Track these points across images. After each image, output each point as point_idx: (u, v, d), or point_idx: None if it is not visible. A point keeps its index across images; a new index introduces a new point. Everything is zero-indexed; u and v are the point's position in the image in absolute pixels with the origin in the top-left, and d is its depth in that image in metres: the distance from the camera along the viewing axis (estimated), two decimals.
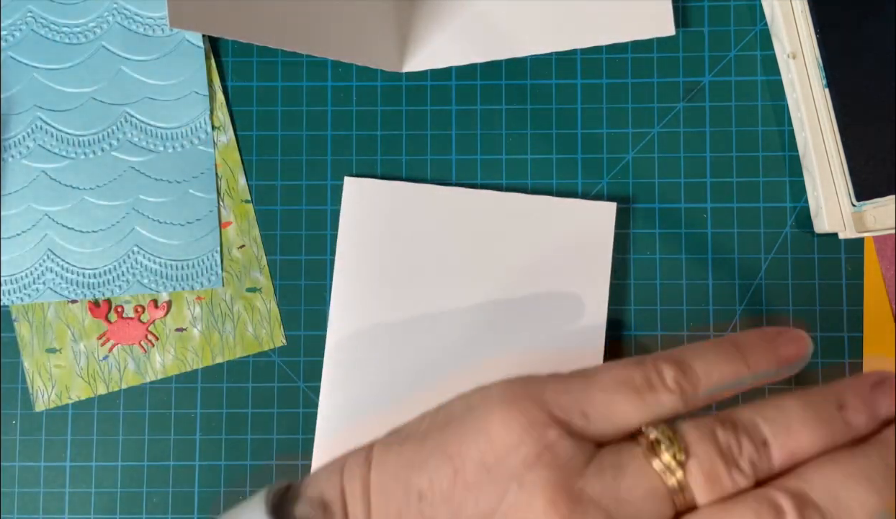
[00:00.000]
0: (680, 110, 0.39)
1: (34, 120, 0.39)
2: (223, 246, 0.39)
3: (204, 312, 0.39)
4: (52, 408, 0.39)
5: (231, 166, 0.39)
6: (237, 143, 0.40)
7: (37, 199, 0.39)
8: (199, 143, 0.39)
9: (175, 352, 0.39)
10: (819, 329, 0.38)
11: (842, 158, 0.37)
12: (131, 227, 0.39)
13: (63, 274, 0.39)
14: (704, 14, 0.39)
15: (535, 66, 0.39)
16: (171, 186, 0.39)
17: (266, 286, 0.39)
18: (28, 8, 0.40)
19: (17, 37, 0.40)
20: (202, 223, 0.39)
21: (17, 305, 0.39)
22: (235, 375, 0.39)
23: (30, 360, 0.39)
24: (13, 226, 0.39)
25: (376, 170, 0.39)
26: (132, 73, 0.40)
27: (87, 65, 0.40)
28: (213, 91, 0.40)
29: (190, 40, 0.39)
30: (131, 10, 0.40)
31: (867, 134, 0.36)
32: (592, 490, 0.23)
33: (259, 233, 0.39)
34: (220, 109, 0.40)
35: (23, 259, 0.39)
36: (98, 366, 0.39)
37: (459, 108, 0.39)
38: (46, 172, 0.39)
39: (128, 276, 0.39)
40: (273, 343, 0.39)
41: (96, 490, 0.39)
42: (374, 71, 0.39)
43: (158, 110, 0.39)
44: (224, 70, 0.40)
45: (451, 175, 0.39)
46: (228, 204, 0.39)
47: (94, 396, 0.39)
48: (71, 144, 0.39)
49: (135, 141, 0.39)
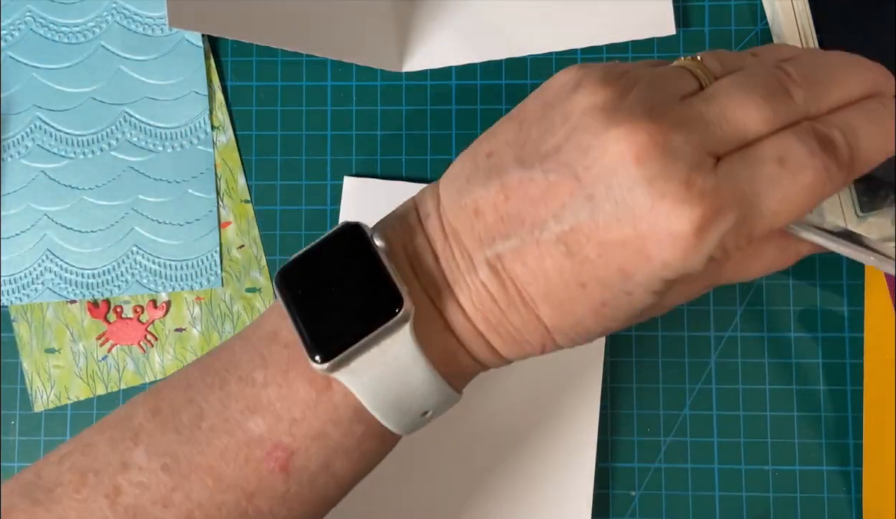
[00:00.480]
0: None
1: (33, 119, 0.39)
2: (223, 246, 0.39)
3: (203, 313, 0.39)
4: (52, 408, 0.39)
5: (230, 166, 0.39)
6: (237, 143, 0.40)
7: (36, 199, 0.39)
8: (198, 142, 0.39)
9: (174, 352, 0.39)
10: (819, 329, 0.38)
11: None
12: (130, 227, 0.39)
13: (62, 274, 0.39)
14: (705, 14, 0.39)
15: (535, 66, 0.39)
16: (170, 186, 0.39)
17: (265, 286, 0.39)
18: (27, 7, 0.40)
19: (16, 36, 0.40)
20: (201, 223, 0.39)
21: (16, 305, 0.39)
22: None
23: (29, 360, 0.39)
24: (12, 226, 0.39)
25: (376, 170, 0.39)
26: (131, 72, 0.39)
27: (86, 64, 0.40)
28: (213, 91, 0.40)
29: (189, 40, 0.39)
30: (131, 10, 0.40)
31: None
32: (633, 77, 0.26)
33: (259, 233, 0.39)
34: (219, 109, 0.40)
35: (22, 259, 0.39)
36: (97, 366, 0.39)
37: (459, 108, 0.39)
38: (45, 172, 0.39)
39: (127, 276, 0.39)
40: None
41: None
42: (374, 71, 0.39)
43: (158, 110, 0.39)
44: (223, 70, 0.40)
45: None
46: (228, 204, 0.39)
47: (94, 396, 0.39)
48: (70, 144, 0.39)
49: (134, 141, 0.39)
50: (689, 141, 0.24)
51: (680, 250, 0.24)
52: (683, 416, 0.37)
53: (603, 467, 0.37)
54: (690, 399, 0.37)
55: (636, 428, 0.37)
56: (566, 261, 0.25)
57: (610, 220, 0.24)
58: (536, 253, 0.25)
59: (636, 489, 0.37)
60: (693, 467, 0.37)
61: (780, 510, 0.37)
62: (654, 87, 0.26)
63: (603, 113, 0.25)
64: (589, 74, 0.26)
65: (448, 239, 0.27)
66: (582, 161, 0.25)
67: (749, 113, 0.25)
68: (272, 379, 0.26)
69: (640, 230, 0.24)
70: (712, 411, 0.37)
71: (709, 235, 0.24)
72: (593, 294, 0.25)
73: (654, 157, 0.24)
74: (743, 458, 0.37)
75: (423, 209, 0.28)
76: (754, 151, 0.25)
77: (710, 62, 0.27)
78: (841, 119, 0.26)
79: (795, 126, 0.26)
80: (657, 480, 0.37)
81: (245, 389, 0.26)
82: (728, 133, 0.25)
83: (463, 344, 0.27)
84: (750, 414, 0.37)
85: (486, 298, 0.26)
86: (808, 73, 0.26)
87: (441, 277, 0.27)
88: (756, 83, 0.26)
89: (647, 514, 0.37)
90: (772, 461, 0.37)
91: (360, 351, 0.25)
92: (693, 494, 0.37)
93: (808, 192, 0.25)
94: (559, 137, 0.25)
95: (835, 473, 0.37)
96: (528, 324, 0.26)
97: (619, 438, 0.37)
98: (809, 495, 0.37)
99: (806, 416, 0.37)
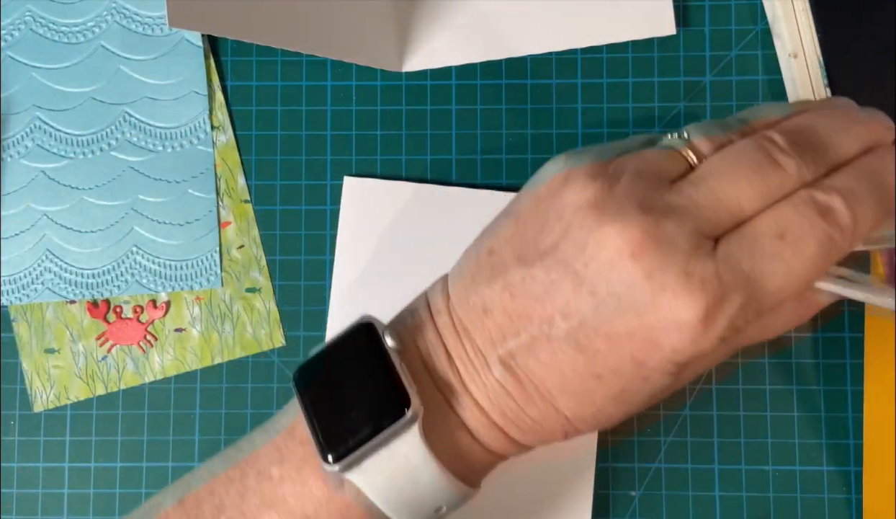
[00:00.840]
0: (680, 110, 0.39)
1: (33, 119, 0.39)
2: (222, 246, 0.39)
3: (203, 313, 0.39)
4: (51, 409, 0.39)
5: (230, 166, 0.39)
6: (237, 143, 0.39)
7: (35, 199, 0.39)
8: (198, 142, 0.39)
9: (174, 352, 0.39)
10: (819, 329, 0.38)
11: None
12: (130, 227, 0.39)
13: (62, 274, 0.39)
14: (705, 13, 0.39)
15: (535, 66, 0.39)
16: (170, 186, 0.39)
17: (265, 286, 0.39)
18: (27, 7, 0.40)
19: (15, 36, 0.40)
20: (201, 223, 0.39)
21: (15, 305, 0.39)
22: (234, 376, 0.39)
23: (28, 360, 0.39)
24: (12, 226, 0.39)
25: (376, 170, 0.39)
26: (131, 72, 0.39)
27: (86, 64, 0.40)
28: (213, 91, 0.40)
29: (189, 40, 0.39)
30: (130, 10, 0.39)
31: None
32: (620, 166, 0.26)
33: (258, 233, 0.39)
34: (219, 109, 0.40)
35: (21, 259, 0.39)
36: (97, 366, 0.39)
37: (459, 108, 0.39)
38: (45, 172, 0.39)
39: (126, 276, 0.39)
40: (272, 344, 0.39)
41: (95, 491, 0.38)
42: (373, 70, 0.39)
43: (158, 110, 0.39)
44: (223, 70, 0.40)
45: (451, 175, 0.39)
46: (228, 204, 0.39)
47: (93, 396, 0.39)
48: (70, 144, 0.39)
49: (134, 141, 0.39)
50: (682, 228, 0.24)
51: (688, 337, 0.24)
52: (683, 416, 0.37)
53: (603, 467, 0.37)
54: (690, 399, 0.37)
55: (636, 428, 0.37)
56: (578, 355, 0.25)
57: (615, 314, 0.24)
58: (549, 348, 0.26)
59: (636, 489, 0.37)
60: (693, 467, 0.37)
61: (781, 510, 0.37)
62: (641, 175, 0.26)
63: (594, 210, 0.25)
64: (575, 170, 0.26)
65: (460, 337, 0.27)
66: (580, 258, 0.25)
67: (741, 191, 0.25)
68: (287, 475, 0.27)
69: (647, 322, 0.24)
70: (712, 411, 0.37)
71: (716, 321, 0.24)
72: (610, 383, 0.26)
73: (649, 249, 0.24)
74: (743, 458, 0.37)
75: (434, 305, 0.28)
76: (752, 229, 0.25)
77: (696, 139, 0.27)
78: (839, 182, 0.26)
79: (792, 196, 0.25)
80: (657, 480, 0.37)
81: (262, 484, 0.27)
82: (722, 214, 0.25)
83: (478, 439, 0.27)
84: (750, 414, 0.37)
85: (502, 394, 0.27)
86: (799, 138, 0.26)
87: (454, 374, 0.27)
88: (745, 159, 0.25)
89: (647, 514, 0.37)
90: (772, 461, 0.37)
91: (370, 452, 0.26)
92: (693, 494, 0.37)
93: (813, 263, 0.25)
94: (556, 235, 0.25)
95: (835, 473, 0.37)
96: (547, 416, 0.27)
97: (619, 438, 0.37)
98: (809, 496, 0.37)
99: (806, 416, 0.37)
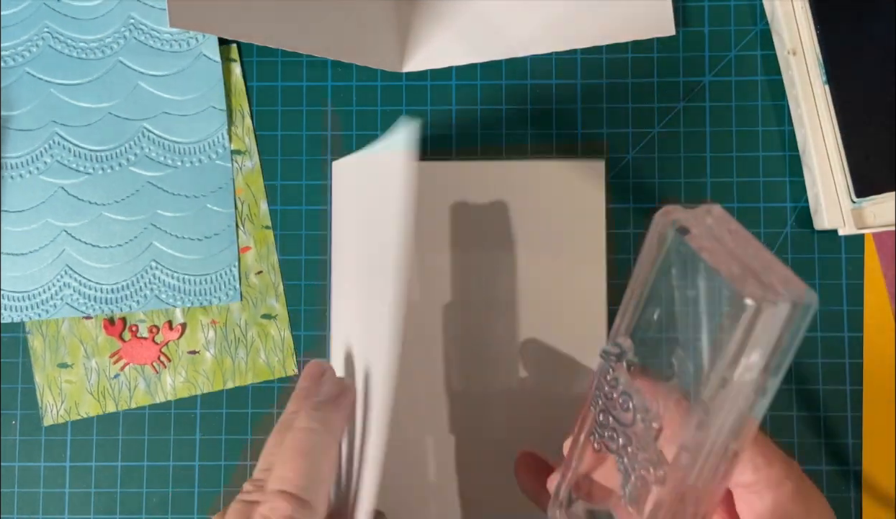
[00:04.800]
0: (680, 110, 0.39)
1: (52, 136, 0.39)
2: (241, 271, 0.39)
3: (218, 337, 0.39)
4: (60, 423, 0.39)
5: (254, 192, 0.39)
6: (261, 169, 0.39)
7: (55, 214, 0.39)
8: (216, 157, 0.39)
9: (186, 374, 0.39)
10: (819, 329, 0.38)
11: (841, 155, 0.37)
12: (149, 242, 0.39)
13: (81, 290, 0.39)
14: (705, 14, 0.39)
15: (535, 66, 0.39)
16: (188, 201, 0.39)
17: (281, 314, 0.39)
18: (45, 23, 0.39)
19: (33, 52, 0.39)
20: (220, 238, 0.39)
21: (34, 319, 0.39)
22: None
23: (41, 374, 0.39)
24: (31, 241, 0.39)
25: None
26: (149, 88, 0.39)
27: (103, 80, 0.39)
28: (242, 116, 0.39)
29: (207, 55, 0.39)
30: (148, 26, 0.39)
31: (867, 130, 0.36)
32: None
33: (277, 259, 0.39)
34: (247, 135, 0.39)
35: (41, 274, 0.39)
36: (109, 384, 0.39)
37: (459, 108, 0.39)
38: (64, 188, 0.39)
39: (146, 291, 0.39)
40: (285, 372, 0.39)
41: (96, 490, 0.39)
42: (374, 71, 0.39)
43: (176, 125, 0.39)
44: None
45: None
46: (249, 229, 0.39)
47: (103, 413, 0.39)
48: (88, 160, 0.39)
49: (152, 156, 0.39)
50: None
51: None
52: None
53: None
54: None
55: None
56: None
57: None
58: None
59: None
60: None
61: None
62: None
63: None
64: None
65: None
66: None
67: None
68: None
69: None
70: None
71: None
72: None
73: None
74: None
75: None
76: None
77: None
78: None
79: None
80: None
81: None
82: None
83: None
84: None
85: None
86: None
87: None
88: None
89: None
90: None
91: None
92: None
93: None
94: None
95: (835, 472, 0.37)
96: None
97: None
98: None
99: (806, 416, 0.37)
